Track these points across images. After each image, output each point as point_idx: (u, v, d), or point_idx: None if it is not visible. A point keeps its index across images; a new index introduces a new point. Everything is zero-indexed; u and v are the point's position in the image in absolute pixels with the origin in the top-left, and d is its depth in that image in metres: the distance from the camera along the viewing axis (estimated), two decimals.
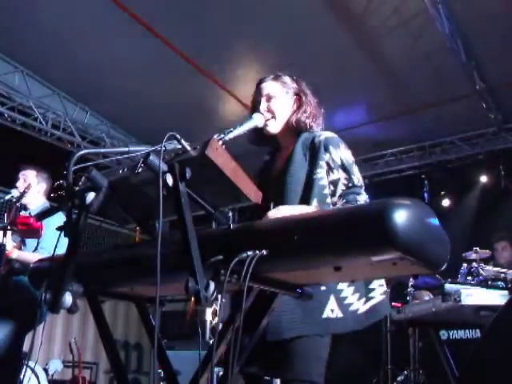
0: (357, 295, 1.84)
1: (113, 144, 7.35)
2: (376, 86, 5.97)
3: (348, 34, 5.23)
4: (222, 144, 1.64)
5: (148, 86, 6.19)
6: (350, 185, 1.90)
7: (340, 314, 1.79)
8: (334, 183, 1.90)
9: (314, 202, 1.84)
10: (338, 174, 1.91)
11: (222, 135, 1.74)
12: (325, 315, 1.77)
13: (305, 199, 1.87)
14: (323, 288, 1.77)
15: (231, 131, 1.79)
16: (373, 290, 1.86)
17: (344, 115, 6.18)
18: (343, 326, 1.79)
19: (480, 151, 6.88)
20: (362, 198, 1.89)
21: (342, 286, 1.82)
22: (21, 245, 3.50)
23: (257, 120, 2.00)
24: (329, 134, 2.01)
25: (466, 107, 6.07)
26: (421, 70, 5.53)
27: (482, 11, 4.79)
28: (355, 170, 1.94)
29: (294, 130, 2.06)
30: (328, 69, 5.44)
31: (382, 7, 4.80)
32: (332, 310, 1.78)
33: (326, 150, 1.93)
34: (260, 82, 2.12)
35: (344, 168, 1.91)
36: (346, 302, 1.81)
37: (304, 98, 2.08)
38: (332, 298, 1.79)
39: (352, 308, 1.81)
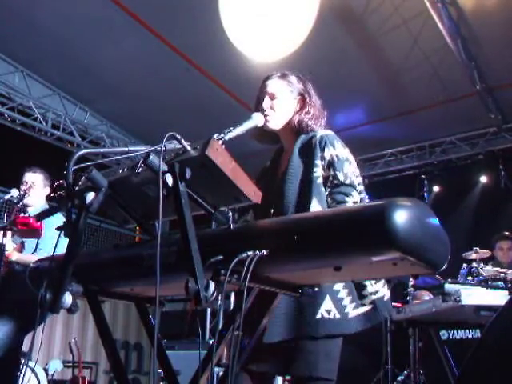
0: (349, 298, 1.82)
1: (113, 144, 7.35)
2: (376, 85, 5.97)
3: (348, 34, 5.23)
4: (222, 144, 1.63)
5: (148, 86, 6.19)
6: (336, 182, 1.87)
7: (338, 315, 1.77)
8: (325, 181, 1.90)
9: (314, 202, 1.84)
10: (328, 172, 1.90)
11: (222, 135, 1.73)
12: (318, 316, 1.75)
13: (304, 200, 1.86)
14: (316, 289, 1.76)
15: (231, 131, 1.78)
16: (365, 296, 1.84)
17: (344, 115, 6.18)
18: (340, 327, 1.78)
19: (480, 151, 6.88)
20: (352, 200, 1.85)
21: (337, 286, 1.80)
22: (21, 246, 3.49)
23: (256, 119, 1.98)
24: (325, 132, 1.99)
25: (465, 107, 6.07)
26: (421, 69, 5.53)
27: (482, 11, 4.79)
28: (345, 167, 1.90)
29: (296, 130, 2.05)
30: (328, 68, 5.44)
31: (381, 7, 4.80)
32: (328, 310, 1.76)
33: (321, 148, 1.92)
34: (266, 78, 2.10)
35: (332, 165, 1.89)
36: (343, 303, 1.80)
37: (308, 99, 2.05)
38: (328, 299, 1.77)
39: (346, 310, 1.79)
